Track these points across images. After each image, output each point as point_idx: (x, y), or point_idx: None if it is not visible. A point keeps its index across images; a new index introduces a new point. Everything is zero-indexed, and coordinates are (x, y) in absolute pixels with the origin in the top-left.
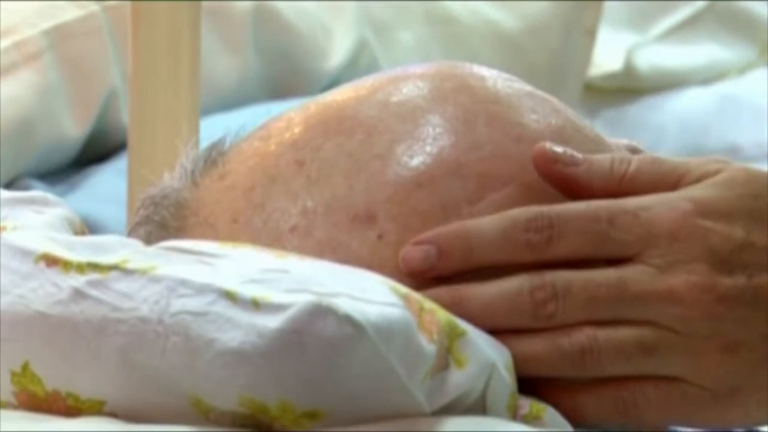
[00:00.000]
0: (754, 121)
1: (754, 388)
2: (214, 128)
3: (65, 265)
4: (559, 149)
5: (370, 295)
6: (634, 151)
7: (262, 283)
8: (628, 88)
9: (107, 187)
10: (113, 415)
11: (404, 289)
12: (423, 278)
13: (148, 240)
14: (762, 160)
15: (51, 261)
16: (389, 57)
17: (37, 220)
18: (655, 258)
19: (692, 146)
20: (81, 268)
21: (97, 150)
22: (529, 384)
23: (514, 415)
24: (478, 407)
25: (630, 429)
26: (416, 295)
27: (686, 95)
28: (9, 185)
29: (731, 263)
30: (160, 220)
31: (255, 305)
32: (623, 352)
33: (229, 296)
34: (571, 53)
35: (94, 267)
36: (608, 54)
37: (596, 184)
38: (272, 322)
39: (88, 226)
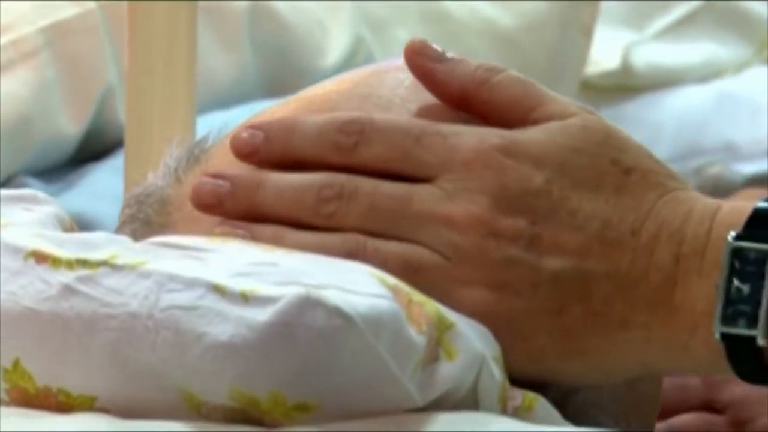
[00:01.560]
0: (752, 118)
1: (516, 336)
2: (210, 126)
3: (54, 262)
4: (430, 44)
5: (359, 287)
6: None
7: (251, 276)
8: (625, 86)
9: (104, 184)
10: (104, 410)
11: (393, 281)
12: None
13: (134, 238)
14: (760, 157)
15: (40, 257)
16: (386, 54)
17: (26, 218)
18: (446, 183)
19: (689, 144)
20: (70, 264)
21: (93, 148)
22: None
23: (505, 406)
24: (470, 400)
25: None
26: (405, 288)
27: (683, 93)
28: (5, 183)
29: (517, 204)
30: (145, 218)
31: (244, 298)
32: (386, 265)
33: (218, 290)
34: (568, 51)
35: (84, 263)
36: (605, 52)
37: (454, 83)
38: (262, 314)
39: (85, 224)
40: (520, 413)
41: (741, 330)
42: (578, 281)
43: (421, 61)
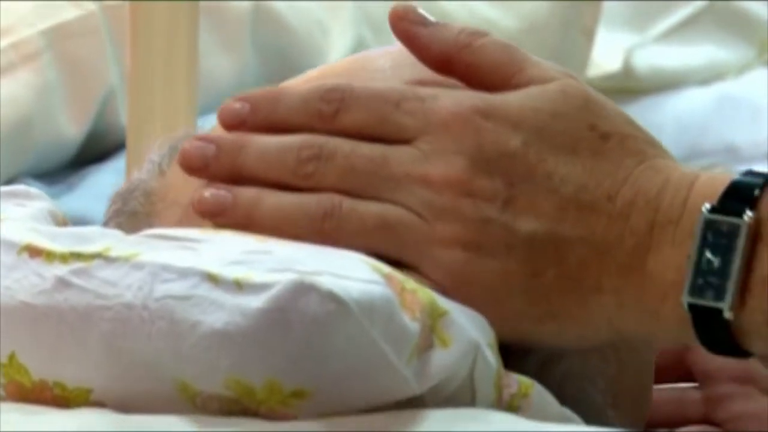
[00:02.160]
0: (752, 120)
1: (490, 298)
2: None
3: (48, 256)
4: (414, 9)
5: (352, 273)
6: None
7: (244, 264)
8: (627, 88)
9: (105, 186)
10: (100, 403)
11: (386, 269)
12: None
13: (121, 231)
14: (760, 159)
15: (34, 252)
16: None
17: (19, 213)
18: (424, 144)
19: (690, 146)
20: (64, 257)
21: (95, 150)
22: None
23: (501, 394)
24: (466, 388)
25: None
26: (398, 275)
27: (684, 95)
28: (7, 184)
29: (494, 166)
30: (131, 210)
31: (238, 286)
32: (362, 224)
33: (212, 279)
34: (570, 53)
35: (78, 256)
36: (607, 54)
37: (436, 47)
38: (255, 301)
39: (86, 225)
40: (517, 400)
41: (708, 302)
42: (553, 244)
43: (405, 25)
